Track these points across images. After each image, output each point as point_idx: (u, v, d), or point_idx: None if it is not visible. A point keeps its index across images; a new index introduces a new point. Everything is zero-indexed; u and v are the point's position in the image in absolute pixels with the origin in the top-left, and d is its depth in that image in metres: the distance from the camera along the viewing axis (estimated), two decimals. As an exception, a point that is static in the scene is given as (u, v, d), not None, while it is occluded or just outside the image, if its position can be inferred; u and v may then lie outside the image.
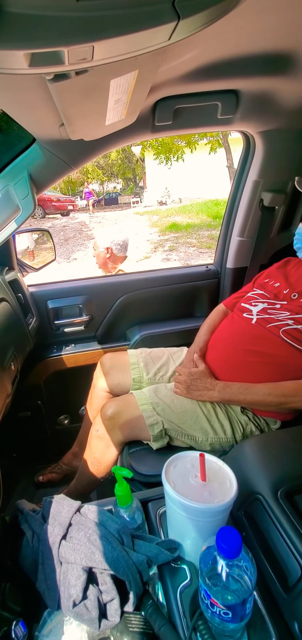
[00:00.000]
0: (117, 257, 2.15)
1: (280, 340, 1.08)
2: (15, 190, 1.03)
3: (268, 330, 1.12)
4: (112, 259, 2.15)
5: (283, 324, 1.10)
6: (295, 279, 1.23)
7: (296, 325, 1.08)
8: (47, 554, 0.67)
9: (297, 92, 1.06)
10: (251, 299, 1.28)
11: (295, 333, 1.07)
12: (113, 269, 2.18)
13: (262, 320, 1.16)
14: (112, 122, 0.84)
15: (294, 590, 0.57)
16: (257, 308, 1.21)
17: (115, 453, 1.16)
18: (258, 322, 1.16)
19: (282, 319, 1.12)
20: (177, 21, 0.46)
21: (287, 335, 1.08)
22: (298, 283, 1.20)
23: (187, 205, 15.41)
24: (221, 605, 0.51)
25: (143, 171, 21.63)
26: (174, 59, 0.82)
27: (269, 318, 1.15)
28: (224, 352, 1.21)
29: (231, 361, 1.16)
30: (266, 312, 1.18)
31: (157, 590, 0.66)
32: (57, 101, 0.65)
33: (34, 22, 0.41)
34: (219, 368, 1.19)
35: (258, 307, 1.21)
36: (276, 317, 1.14)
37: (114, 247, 2.12)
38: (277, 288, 1.24)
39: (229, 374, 1.16)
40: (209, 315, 1.45)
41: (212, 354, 1.25)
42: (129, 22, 0.45)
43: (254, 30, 0.74)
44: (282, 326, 1.10)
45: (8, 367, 1.15)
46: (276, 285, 1.25)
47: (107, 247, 2.11)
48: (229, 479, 0.67)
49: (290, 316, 1.11)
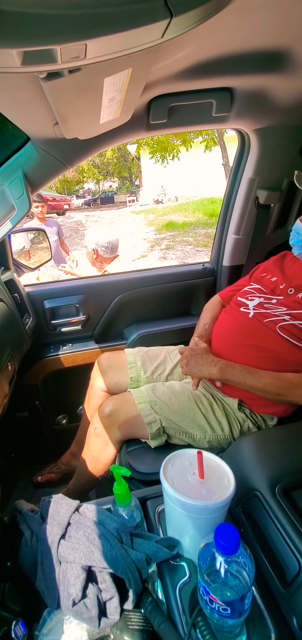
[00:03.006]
0: (104, 258, 2.18)
1: (277, 336, 1.09)
2: (10, 190, 1.02)
3: (265, 325, 1.12)
4: (100, 259, 2.18)
5: (280, 320, 1.10)
6: (292, 273, 1.23)
7: (293, 320, 1.08)
8: (46, 553, 0.66)
9: (291, 89, 1.07)
10: (247, 293, 1.28)
11: (292, 329, 1.07)
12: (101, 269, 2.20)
13: (258, 315, 1.16)
14: (106, 120, 0.83)
15: (292, 585, 0.58)
16: (253, 302, 1.21)
17: (113, 451, 1.16)
18: (255, 317, 1.16)
19: (279, 314, 1.12)
20: (170, 19, 0.46)
21: (284, 331, 1.08)
22: (295, 278, 1.20)
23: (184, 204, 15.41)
24: (219, 602, 0.51)
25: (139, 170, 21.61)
26: (167, 56, 0.82)
27: (265, 313, 1.15)
28: (223, 344, 1.22)
29: (229, 354, 1.17)
30: (263, 306, 1.18)
31: (156, 587, 0.66)
32: (50, 100, 0.64)
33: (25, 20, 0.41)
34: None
35: (254, 302, 1.21)
36: (272, 312, 1.14)
37: (99, 249, 2.14)
38: (274, 283, 1.24)
39: None
40: (207, 306, 1.44)
41: (212, 348, 1.25)
42: (121, 20, 0.44)
43: (247, 28, 0.74)
44: (279, 322, 1.10)
45: (5, 367, 1.14)
46: (273, 280, 1.25)
47: (92, 249, 2.15)
48: (227, 476, 0.67)
49: (287, 311, 1.11)
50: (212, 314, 1.38)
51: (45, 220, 3.94)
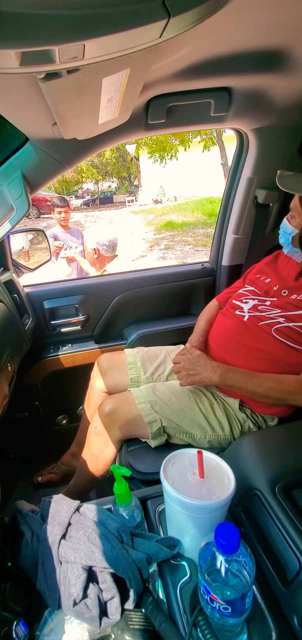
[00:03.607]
0: (105, 257, 2.21)
1: (273, 339, 1.08)
2: (9, 191, 1.02)
3: (260, 328, 1.12)
4: (100, 259, 2.22)
5: (275, 322, 1.10)
6: (285, 274, 1.23)
7: (288, 322, 1.08)
8: (46, 553, 0.67)
9: (289, 89, 1.07)
10: (241, 295, 1.28)
11: (287, 331, 1.07)
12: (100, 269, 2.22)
13: (253, 318, 1.16)
14: (105, 120, 0.83)
15: (293, 584, 0.58)
16: (248, 305, 1.21)
17: (113, 450, 1.16)
18: (250, 320, 1.16)
19: (274, 317, 1.12)
20: (167, 19, 0.46)
21: (280, 334, 1.08)
22: (288, 278, 1.20)
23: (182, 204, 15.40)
24: (220, 601, 0.51)
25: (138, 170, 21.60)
26: (166, 56, 0.82)
27: (260, 316, 1.15)
28: (220, 346, 1.22)
29: (227, 355, 1.17)
30: (257, 309, 1.18)
31: (157, 587, 0.66)
32: (49, 100, 0.64)
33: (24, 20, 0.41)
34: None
35: (249, 305, 1.21)
36: (266, 314, 1.14)
37: (101, 247, 2.18)
38: (268, 284, 1.24)
39: None
40: (205, 309, 1.45)
41: (211, 351, 1.25)
42: (119, 20, 0.44)
43: (245, 28, 0.74)
44: (274, 324, 1.10)
45: (5, 368, 1.14)
46: (267, 281, 1.25)
47: (94, 248, 2.19)
48: (227, 476, 0.67)
49: (281, 314, 1.11)
50: (207, 319, 1.38)
51: (69, 228, 3.25)
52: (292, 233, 1.17)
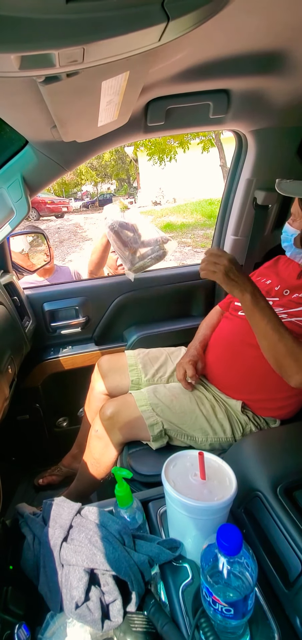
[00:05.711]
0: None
1: None
2: (9, 193, 1.02)
3: None
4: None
5: None
6: (286, 275, 1.23)
7: (290, 318, 1.08)
8: (48, 556, 0.66)
9: (287, 91, 1.07)
10: None
11: (290, 326, 1.07)
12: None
13: None
14: (104, 123, 0.83)
15: (295, 585, 0.58)
16: None
17: (114, 453, 1.16)
18: None
19: None
20: (166, 22, 0.46)
21: None
22: (290, 279, 1.21)
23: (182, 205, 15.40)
24: (222, 602, 0.51)
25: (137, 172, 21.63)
26: (165, 59, 0.82)
27: None
28: (221, 347, 1.22)
29: (228, 354, 1.17)
30: None
31: (159, 589, 0.66)
32: (48, 103, 0.65)
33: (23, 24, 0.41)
34: (219, 367, 1.20)
35: None
36: None
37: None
38: (268, 285, 1.24)
39: (227, 368, 1.17)
40: (207, 315, 1.46)
41: (213, 353, 1.25)
42: (119, 24, 0.45)
43: (243, 30, 0.75)
44: None
45: (5, 370, 1.14)
46: (268, 283, 1.25)
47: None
48: (229, 477, 0.67)
49: (283, 311, 1.11)
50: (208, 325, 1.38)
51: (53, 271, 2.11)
52: (294, 234, 1.17)
